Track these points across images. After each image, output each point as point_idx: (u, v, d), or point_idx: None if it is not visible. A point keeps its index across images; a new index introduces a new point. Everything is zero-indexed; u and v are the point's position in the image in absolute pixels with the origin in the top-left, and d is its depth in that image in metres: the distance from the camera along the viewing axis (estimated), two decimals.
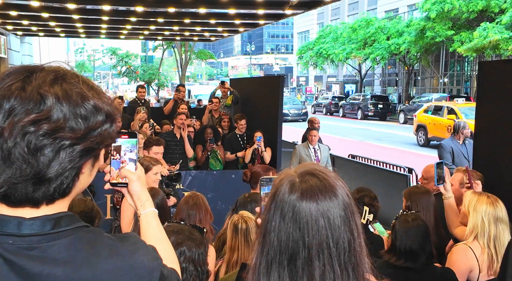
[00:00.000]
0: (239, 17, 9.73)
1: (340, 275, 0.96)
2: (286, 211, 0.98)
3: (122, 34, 13.56)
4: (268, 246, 1.00)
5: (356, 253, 0.99)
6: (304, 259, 0.96)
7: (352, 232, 0.99)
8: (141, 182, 1.26)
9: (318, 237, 0.96)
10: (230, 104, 8.18)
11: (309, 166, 1.06)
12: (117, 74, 40.50)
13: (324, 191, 0.99)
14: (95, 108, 0.93)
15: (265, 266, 0.99)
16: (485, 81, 3.17)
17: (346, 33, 32.43)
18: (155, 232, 1.24)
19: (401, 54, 29.54)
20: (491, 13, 21.47)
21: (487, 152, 3.17)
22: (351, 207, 1.01)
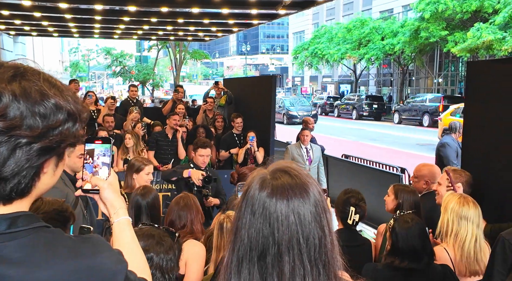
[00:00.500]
0: (232, 17, 9.72)
1: (310, 271, 0.95)
2: (257, 208, 0.98)
3: (116, 34, 13.51)
4: (238, 244, 0.99)
5: (327, 250, 0.98)
6: (274, 255, 0.95)
7: (323, 229, 0.98)
8: (113, 189, 1.24)
9: (288, 233, 0.95)
10: (224, 104, 8.17)
11: (282, 164, 1.05)
12: (111, 74, 40.38)
13: (294, 188, 0.98)
14: (56, 106, 0.91)
15: (236, 264, 0.99)
16: (473, 81, 3.17)
17: (341, 33, 32.51)
18: (128, 242, 1.22)
19: (396, 55, 29.64)
20: (484, 13, 21.57)
21: (476, 151, 3.17)
22: (322, 204, 1.00)
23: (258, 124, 7.01)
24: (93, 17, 9.73)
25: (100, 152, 1.23)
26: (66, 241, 0.95)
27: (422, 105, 24.46)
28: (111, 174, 1.25)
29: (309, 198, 0.98)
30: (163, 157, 6.25)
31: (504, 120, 2.85)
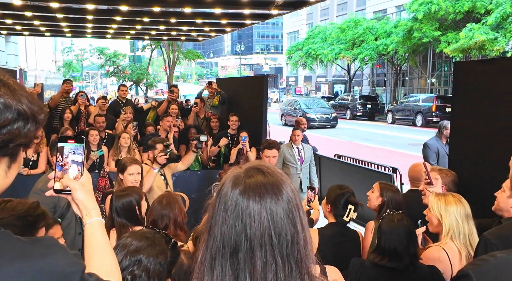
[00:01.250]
0: (225, 17, 9.71)
1: (282, 267, 0.96)
2: (229, 205, 0.99)
3: (109, 34, 13.45)
4: (212, 241, 1.00)
5: (299, 246, 0.99)
6: (246, 251, 0.96)
7: (295, 226, 0.99)
8: (85, 190, 1.23)
9: (260, 229, 0.96)
10: (217, 104, 8.17)
11: (256, 162, 1.06)
12: (105, 74, 40.24)
13: (267, 186, 0.99)
14: (4, 106, 0.90)
15: (209, 261, 0.99)
16: (460, 81, 3.19)
17: (335, 34, 32.59)
18: (99, 244, 1.21)
19: (389, 55, 29.75)
20: (477, 14, 21.71)
21: (462, 151, 3.19)
22: (295, 202, 1.01)
23: (251, 124, 7.01)
24: (85, 17, 9.68)
25: (70, 150, 1.21)
26: (15, 243, 0.93)
27: (415, 105, 24.57)
28: (84, 175, 1.23)
29: (282, 195, 0.99)
30: None
31: (490, 120, 2.87)
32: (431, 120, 22.43)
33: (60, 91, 8.15)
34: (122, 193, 2.81)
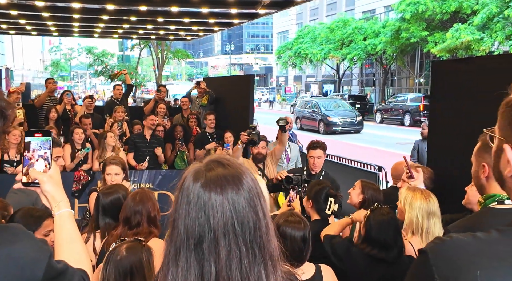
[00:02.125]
0: (212, 16, 9.71)
1: (246, 254, 0.99)
2: (191, 198, 1.01)
3: (96, 33, 13.37)
4: (176, 234, 1.02)
5: (261, 232, 1.02)
6: (211, 241, 0.98)
7: (257, 213, 1.02)
8: (53, 182, 1.24)
9: (223, 219, 0.99)
10: (206, 103, 8.18)
11: (215, 155, 1.10)
12: (94, 74, 39.95)
13: (228, 177, 1.02)
14: None
15: (174, 254, 1.01)
16: (438, 80, 3.25)
17: (324, 33, 32.72)
18: (68, 234, 1.23)
19: (378, 55, 29.95)
20: (463, 14, 21.96)
21: (440, 148, 3.25)
22: (255, 190, 1.04)
23: (237, 122, 7.02)
24: (71, 16, 9.61)
25: (36, 144, 1.23)
26: None
27: (404, 104, 24.78)
28: (52, 167, 1.25)
29: (243, 185, 1.02)
30: (142, 159, 6.23)
31: (466, 117, 2.92)
32: (419, 120, 22.61)
33: (46, 90, 8.09)
34: (109, 191, 2.81)
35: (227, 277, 0.98)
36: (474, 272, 0.76)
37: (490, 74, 2.67)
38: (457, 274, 0.78)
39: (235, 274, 0.98)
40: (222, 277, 0.98)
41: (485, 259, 0.78)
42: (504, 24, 19.44)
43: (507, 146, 0.86)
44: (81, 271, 1.13)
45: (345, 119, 21.25)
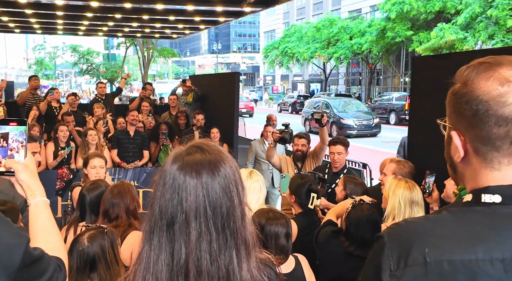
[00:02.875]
0: (198, 14, 9.69)
1: (217, 238, 1.01)
2: (167, 180, 1.03)
3: (80, 30, 13.22)
4: (151, 214, 1.04)
5: (235, 218, 1.03)
6: (182, 223, 1.01)
7: (231, 200, 1.04)
8: (29, 171, 1.25)
9: (196, 202, 1.01)
10: (191, 101, 8.16)
11: (198, 141, 1.11)
12: (79, 72, 39.53)
13: (204, 162, 1.04)
14: None
15: (148, 232, 1.04)
16: (418, 76, 3.29)
17: (311, 33, 32.88)
18: (44, 223, 1.24)
19: (364, 54, 30.19)
20: (447, 14, 22.26)
21: (420, 144, 3.30)
22: (233, 178, 1.06)
23: (222, 120, 7.03)
24: (55, 13, 9.50)
25: (14, 135, 1.23)
26: None
27: (389, 103, 24.99)
28: (27, 157, 1.25)
29: (219, 172, 1.04)
30: (126, 155, 6.20)
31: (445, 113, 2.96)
32: (404, 118, 22.82)
33: (28, 88, 8.00)
34: (93, 186, 2.80)
35: (197, 259, 1.00)
36: (422, 250, 0.80)
37: None
38: (407, 253, 0.82)
39: (205, 256, 1.00)
40: (192, 258, 1.00)
41: (433, 238, 0.82)
42: (486, 24, 19.76)
43: (454, 132, 0.91)
44: (57, 259, 1.14)
45: (360, 121, 18.81)
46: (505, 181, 0.85)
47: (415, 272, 0.80)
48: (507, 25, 18.74)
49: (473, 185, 0.89)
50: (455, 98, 0.89)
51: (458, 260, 0.79)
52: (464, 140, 0.89)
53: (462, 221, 0.84)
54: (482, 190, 0.86)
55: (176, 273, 1.00)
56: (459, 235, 0.82)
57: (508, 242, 0.79)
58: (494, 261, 0.78)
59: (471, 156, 0.89)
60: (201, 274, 0.99)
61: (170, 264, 1.01)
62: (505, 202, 0.83)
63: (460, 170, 0.93)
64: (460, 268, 0.78)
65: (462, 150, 0.89)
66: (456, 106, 0.89)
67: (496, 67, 0.85)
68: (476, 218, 0.84)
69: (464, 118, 0.87)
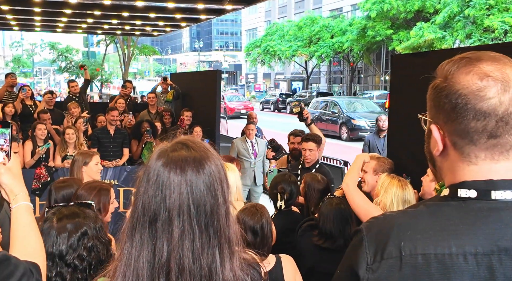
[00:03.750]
0: (179, 12, 9.61)
1: (200, 236, 1.00)
2: (151, 176, 1.02)
3: (59, 27, 12.99)
4: (134, 210, 1.03)
5: (219, 217, 1.02)
6: (164, 220, 0.99)
7: (216, 198, 1.02)
8: (12, 174, 1.23)
9: (179, 200, 1.00)
10: (171, 99, 8.11)
11: (184, 137, 1.10)
12: (58, 70, 38.86)
13: (189, 159, 1.02)
14: None
15: (130, 229, 1.02)
16: (397, 74, 3.33)
17: (292, 31, 32.99)
18: (24, 227, 1.22)
19: (345, 52, 30.44)
20: (426, 13, 22.59)
21: (399, 142, 3.33)
22: (218, 175, 1.04)
23: (204, 118, 7.01)
24: (32, 9, 9.31)
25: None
26: None
27: None
28: (11, 159, 1.23)
29: (204, 169, 1.02)
30: (106, 154, 6.11)
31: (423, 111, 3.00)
32: None
33: (4, 85, 7.82)
34: (62, 185, 2.74)
35: (179, 257, 0.98)
36: (398, 243, 0.82)
37: None
38: (383, 247, 0.83)
39: (187, 254, 0.99)
40: (174, 256, 0.98)
41: (409, 231, 0.83)
42: (464, 23, 20.12)
43: (433, 126, 0.91)
44: (30, 263, 1.12)
45: (373, 122, 16.57)
46: (481, 176, 0.86)
47: (390, 265, 0.81)
48: (484, 25, 19.12)
49: (450, 179, 0.90)
50: (435, 92, 0.90)
51: (432, 254, 0.80)
52: (443, 134, 0.90)
53: (437, 215, 0.85)
54: (458, 185, 0.87)
55: (157, 271, 0.99)
56: (433, 229, 0.83)
57: (481, 236, 0.80)
58: (467, 255, 0.79)
59: (449, 149, 0.90)
60: (183, 272, 0.98)
61: (151, 262, 0.99)
62: (480, 197, 0.84)
63: (439, 164, 0.94)
64: (433, 262, 0.79)
65: (441, 144, 0.90)
66: (436, 100, 0.90)
67: (476, 62, 0.87)
68: (450, 212, 0.85)
69: (443, 112, 0.88)
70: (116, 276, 1.02)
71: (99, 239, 1.74)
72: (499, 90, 0.83)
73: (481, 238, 0.80)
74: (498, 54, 0.88)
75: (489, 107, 0.83)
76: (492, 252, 0.79)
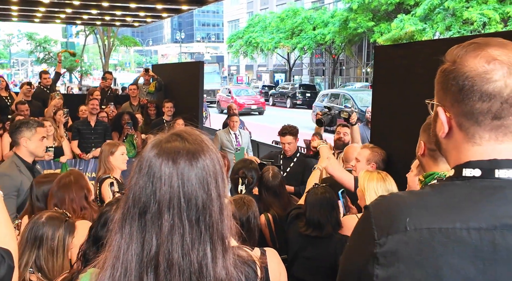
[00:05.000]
0: (160, 2, 9.47)
1: (190, 231, 0.97)
2: (143, 166, 1.00)
3: (37, 17, 12.67)
4: (125, 201, 1.01)
5: (212, 212, 0.99)
6: (154, 213, 0.97)
7: (209, 193, 1.00)
8: None
9: (170, 193, 0.97)
10: (153, 91, 8.02)
11: (180, 128, 1.07)
12: (36, 61, 38.03)
13: (183, 151, 1.00)
14: None
15: (120, 220, 1.00)
16: (380, 66, 3.35)
17: (275, 23, 32.94)
18: None
19: (327, 44, 30.53)
20: (407, 5, 22.79)
21: (381, 133, 3.37)
22: (213, 169, 1.02)
23: (187, 110, 6.95)
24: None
25: None
26: None
27: None
28: None
29: (197, 162, 1.00)
30: (87, 146, 6.03)
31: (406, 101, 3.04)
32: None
33: None
34: (43, 180, 2.70)
35: (168, 251, 0.96)
36: (404, 219, 0.85)
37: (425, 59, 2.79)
38: (390, 222, 0.86)
39: (176, 249, 0.96)
40: (162, 251, 0.96)
41: (414, 208, 0.87)
42: (444, 15, 20.38)
43: (440, 109, 0.95)
44: (2, 249, 1.13)
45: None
46: (485, 156, 0.89)
47: (396, 241, 0.84)
48: (464, 17, 19.40)
49: (455, 160, 0.93)
50: (444, 75, 0.93)
51: (437, 228, 0.83)
52: (449, 116, 0.93)
53: (443, 194, 0.89)
54: (463, 165, 0.90)
55: (146, 265, 0.97)
56: (439, 206, 0.86)
57: (485, 213, 0.83)
58: (471, 230, 0.82)
59: (455, 131, 0.93)
60: (172, 267, 0.96)
61: (140, 255, 0.97)
62: (484, 176, 0.88)
63: (444, 146, 0.97)
64: (437, 235, 0.82)
65: (447, 126, 0.93)
66: (444, 82, 0.93)
67: (484, 47, 0.90)
68: (455, 190, 0.88)
69: (450, 94, 0.91)
70: (105, 267, 1.00)
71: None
72: (505, 73, 0.86)
73: (485, 214, 0.83)
74: (507, 40, 0.91)
75: (495, 89, 0.86)
76: (495, 228, 0.81)
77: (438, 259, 0.81)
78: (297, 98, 29.58)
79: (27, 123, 3.24)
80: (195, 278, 0.97)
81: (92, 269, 1.07)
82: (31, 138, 3.19)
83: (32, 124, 3.25)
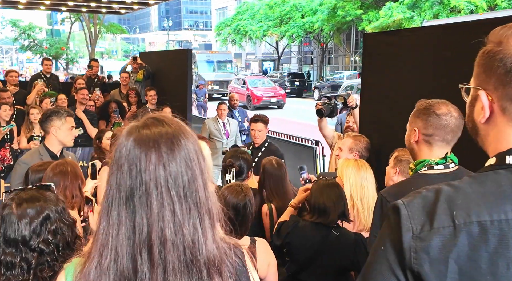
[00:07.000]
0: None
1: (180, 207, 0.98)
2: (123, 153, 1.00)
3: (20, 4, 12.41)
4: (108, 191, 1.01)
5: (198, 188, 1.01)
6: (142, 193, 0.98)
7: (193, 170, 1.01)
8: None
9: (155, 172, 0.98)
10: (142, 79, 7.93)
11: (155, 114, 1.07)
12: (20, 49, 37.34)
13: (162, 133, 1.01)
14: None
15: (106, 209, 1.00)
16: (369, 53, 3.35)
17: (263, 10, 32.71)
18: None
19: (315, 32, 30.45)
20: None
21: (371, 120, 3.38)
22: (192, 148, 1.03)
23: (175, 98, 6.90)
24: None
25: None
26: None
27: (340, 82, 25.46)
28: None
29: (179, 143, 1.01)
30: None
31: (395, 88, 3.05)
32: None
33: None
34: (39, 168, 2.70)
35: (160, 229, 0.97)
36: (450, 213, 0.81)
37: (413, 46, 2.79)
38: (431, 217, 0.82)
39: (168, 225, 0.97)
40: (155, 230, 0.97)
41: (459, 201, 0.82)
42: (432, 3, 20.42)
43: (482, 92, 0.90)
44: None
45: None
46: None
47: (443, 235, 0.80)
48: (451, 5, 19.46)
49: (496, 147, 0.89)
50: (488, 57, 0.88)
51: (488, 221, 0.79)
52: (491, 100, 0.88)
53: (486, 183, 0.84)
54: (506, 152, 0.86)
55: (138, 247, 0.97)
56: (485, 197, 0.82)
57: None
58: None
59: (497, 116, 0.88)
60: (166, 244, 0.97)
61: (131, 237, 0.97)
62: None
63: (483, 132, 0.92)
64: (490, 229, 0.78)
65: (488, 110, 0.89)
66: (488, 64, 0.88)
67: None
68: (500, 179, 0.84)
69: (495, 76, 0.86)
70: (92, 256, 1.00)
71: (63, 221, 1.70)
72: None
73: None
74: None
75: None
76: None
77: (493, 254, 0.77)
78: (286, 87, 29.58)
79: (58, 113, 3.28)
80: (189, 252, 0.98)
81: (77, 258, 1.07)
82: (60, 127, 3.22)
83: (62, 113, 3.29)
